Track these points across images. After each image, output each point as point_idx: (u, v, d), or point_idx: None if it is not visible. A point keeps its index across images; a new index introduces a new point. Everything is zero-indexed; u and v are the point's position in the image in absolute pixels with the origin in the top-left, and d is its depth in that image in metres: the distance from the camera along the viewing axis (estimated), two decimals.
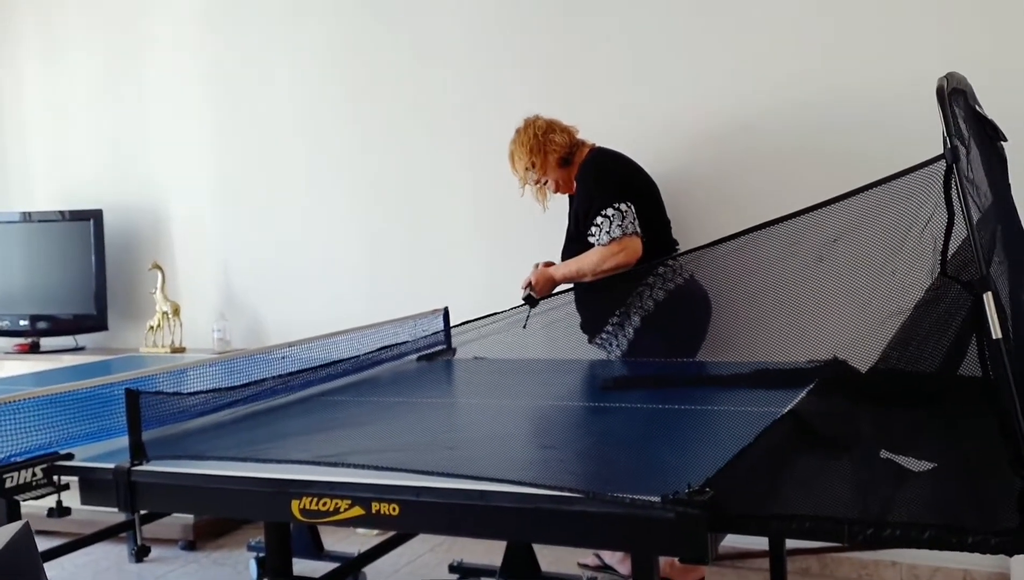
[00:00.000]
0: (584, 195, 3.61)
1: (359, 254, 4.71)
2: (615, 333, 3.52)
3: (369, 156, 4.66)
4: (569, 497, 1.82)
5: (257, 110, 4.92)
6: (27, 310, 5.19)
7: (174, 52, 5.11)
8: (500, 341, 3.48)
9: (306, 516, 2.08)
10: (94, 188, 5.30)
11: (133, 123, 5.24)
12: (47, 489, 2.30)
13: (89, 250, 5.06)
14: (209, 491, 2.22)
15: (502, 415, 2.77)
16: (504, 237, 4.31)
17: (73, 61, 5.39)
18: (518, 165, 3.74)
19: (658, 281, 3.46)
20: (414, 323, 3.69)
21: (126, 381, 2.58)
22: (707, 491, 1.72)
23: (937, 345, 2.10)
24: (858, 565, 3.74)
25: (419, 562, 4.04)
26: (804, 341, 2.44)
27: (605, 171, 3.64)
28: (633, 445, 2.33)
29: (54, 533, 3.97)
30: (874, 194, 1.88)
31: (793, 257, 2.14)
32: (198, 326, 4.98)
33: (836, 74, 3.70)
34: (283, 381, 2.91)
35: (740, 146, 3.88)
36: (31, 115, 5.55)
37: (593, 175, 3.63)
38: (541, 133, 3.69)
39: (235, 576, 4.05)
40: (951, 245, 1.85)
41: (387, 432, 2.53)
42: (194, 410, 2.60)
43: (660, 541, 1.80)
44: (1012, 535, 1.55)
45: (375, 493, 2.00)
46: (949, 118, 1.75)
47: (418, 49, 4.52)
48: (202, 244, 5.10)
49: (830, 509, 1.73)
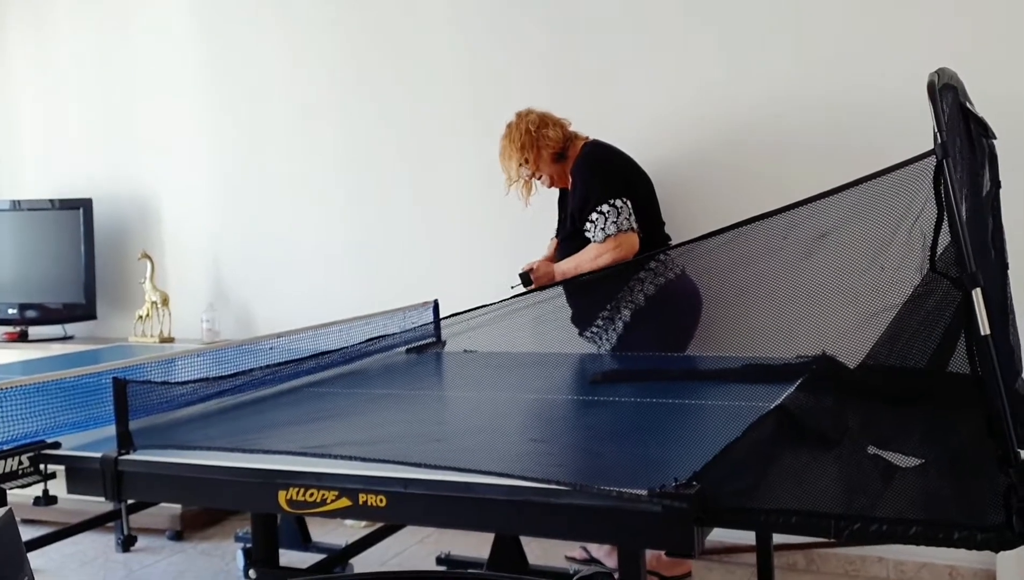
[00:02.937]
0: (580, 190, 3.59)
1: (349, 246, 4.71)
2: (605, 327, 3.52)
3: (360, 147, 4.64)
4: (557, 490, 1.82)
5: (249, 101, 4.90)
6: (16, 299, 5.17)
7: (165, 42, 5.09)
8: (490, 334, 3.47)
9: (293, 507, 2.08)
10: (84, 177, 5.28)
11: (124, 112, 5.22)
12: (33, 478, 2.30)
13: (78, 239, 5.04)
14: (196, 481, 2.22)
15: (491, 408, 2.77)
16: (494, 230, 4.31)
17: (63, 49, 5.36)
18: (509, 162, 3.68)
19: (649, 275, 3.46)
20: (403, 315, 3.69)
21: (114, 370, 2.57)
22: (694, 485, 1.72)
23: (926, 341, 2.10)
24: (844, 560, 3.75)
25: (406, 554, 4.04)
26: (793, 336, 2.44)
27: (602, 166, 3.62)
28: (621, 439, 2.33)
29: (40, 522, 3.96)
30: (864, 189, 1.87)
31: (782, 252, 2.13)
32: (187, 316, 4.97)
33: (828, 70, 3.70)
34: (272, 372, 2.90)
35: (731, 141, 3.88)
36: (21, 103, 5.52)
37: (589, 170, 3.60)
38: (534, 128, 3.65)
39: (222, 567, 4.05)
40: (940, 241, 1.85)
41: (375, 424, 2.53)
42: (182, 400, 2.59)
43: (647, 534, 1.81)
44: (998, 532, 1.55)
45: (363, 484, 2.01)
46: (940, 114, 1.74)
47: (409, 40, 4.50)
48: (191, 234, 5.08)
49: (818, 504, 1.73)
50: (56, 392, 2.54)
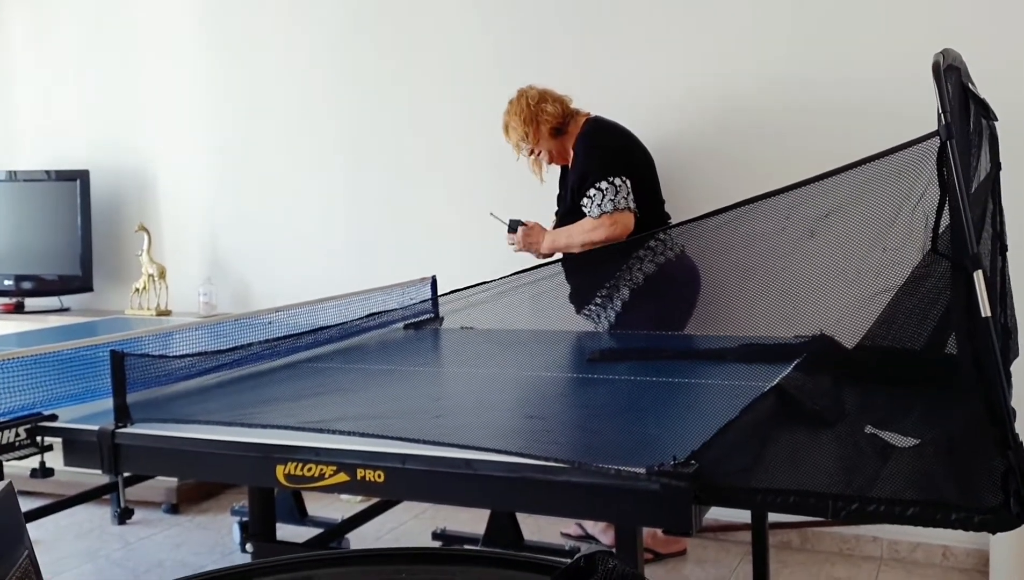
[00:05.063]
0: (579, 166, 3.58)
1: (347, 221, 4.69)
2: (604, 305, 3.52)
3: (360, 120, 4.63)
4: (554, 467, 1.83)
5: (247, 74, 4.88)
6: (12, 270, 5.16)
7: (163, 13, 5.05)
8: (488, 311, 3.47)
9: (291, 482, 2.08)
10: (81, 149, 5.26)
11: (122, 84, 5.19)
12: (30, 450, 2.30)
13: (75, 211, 5.03)
14: (194, 455, 2.22)
15: (489, 384, 2.77)
16: (495, 207, 4.29)
17: (61, 20, 5.33)
18: (512, 136, 3.71)
19: (649, 254, 3.45)
20: (402, 291, 3.68)
21: (111, 343, 2.57)
22: (692, 464, 1.73)
23: (924, 322, 2.10)
24: (839, 539, 3.77)
25: (402, 529, 4.06)
26: (792, 316, 2.44)
27: (602, 143, 3.61)
28: (619, 417, 2.33)
29: (37, 494, 3.97)
30: (867, 169, 1.87)
31: (784, 232, 2.13)
32: (184, 289, 4.96)
33: (830, 50, 3.69)
34: (270, 346, 2.89)
35: (732, 121, 3.87)
36: (18, 74, 5.49)
37: (589, 146, 3.60)
38: (534, 103, 3.65)
39: (218, 540, 4.06)
40: (942, 222, 1.84)
41: (373, 399, 2.53)
42: (179, 373, 2.59)
43: (644, 512, 1.82)
44: (995, 513, 1.56)
45: (360, 460, 2.01)
46: (944, 95, 1.73)
47: (409, 18, 4.48)
48: (189, 207, 5.07)
49: (815, 484, 1.74)
50: (54, 364, 2.54)
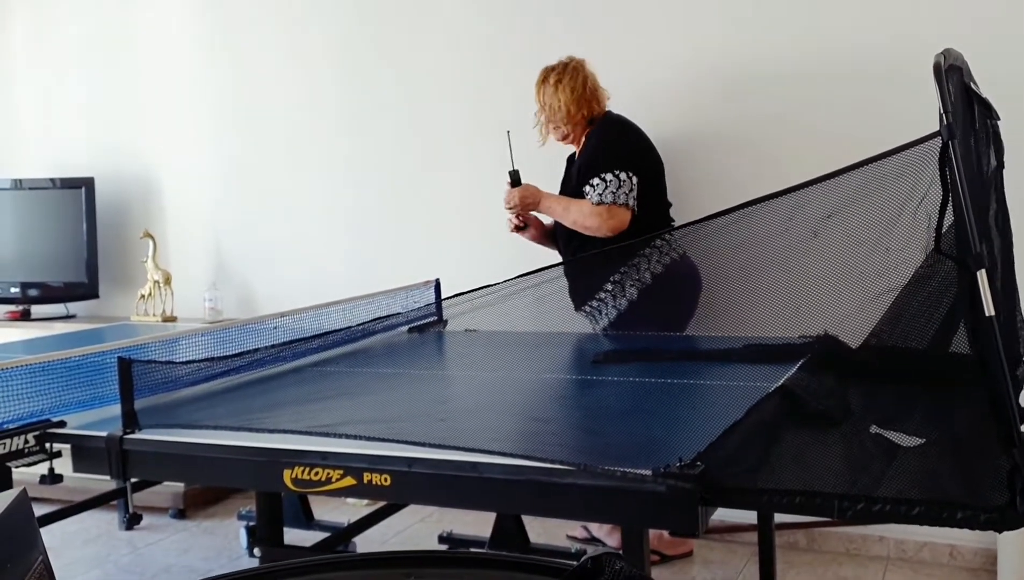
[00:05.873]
0: (590, 152, 3.61)
1: (349, 223, 4.70)
2: (605, 302, 3.52)
3: (363, 127, 4.63)
4: (560, 470, 1.83)
5: (251, 80, 4.89)
6: (18, 277, 5.17)
7: (167, 20, 5.06)
8: (491, 314, 3.48)
9: (298, 486, 2.09)
10: (86, 156, 5.27)
11: (126, 91, 5.20)
12: (39, 456, 2.30)
13: (80, 218, 5.04)
14: (201, 460, 2.23)
15: (494, 387, 2.78)
16: (498, 208, 4.29)
17: (65, 27, 5.34)
18: (552, 102, 3.64)
19: (654, 253, 3.46)
20: (406, 294, 3.69)
21: (118, 349, 2.58)
22: (698, 465, 1.73)
23: (928, 322, 2.11)
24: (845, 539, 3.77)
25: (409, 532, 4.06)
26: (796, 316, 2.45)
27: (619, 137, 3.64)
28: (624, 419, 2.33)
29: (45, 500, 3.98)
30: (870, 170, 1.87)
31: (787, 233, 2.14)
32: (189, 295, 4.97)
33: (831, 48, 3.69)
34: (275, 351, 2.90)
35: (732, 106, 3.88)
36: (22, 81, 5.50)
37: (606, 137, 3.63)
38: (591, 92, 3.65)
39: (225, 545, 4.07)
40: (945, 222, 1.85)
41: (379, 403, 2.53)
42: (186, 379, 2.59)
43: (651, 514, 1.82)
44: (1001, 512, 1.56)
45: (367, 463, 2.01)
46: (946, 95, 1.74)
47: (409, 20, 4.49)
48: (194, 213, 5.08)
49: (821, 484, 1.74)
50: (61, 371, 2.54)
